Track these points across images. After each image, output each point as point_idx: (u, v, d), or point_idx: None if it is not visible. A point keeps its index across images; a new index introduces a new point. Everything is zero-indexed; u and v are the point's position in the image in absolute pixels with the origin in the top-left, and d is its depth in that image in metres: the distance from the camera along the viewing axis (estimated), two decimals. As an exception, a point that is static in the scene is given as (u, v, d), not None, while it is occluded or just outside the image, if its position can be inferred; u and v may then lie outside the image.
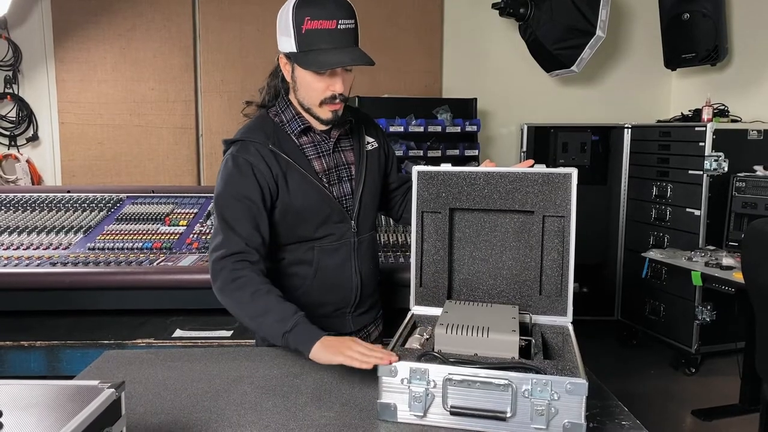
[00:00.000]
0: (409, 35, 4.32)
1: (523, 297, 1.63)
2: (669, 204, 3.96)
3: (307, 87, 1.58)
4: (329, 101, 1.59)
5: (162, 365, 1.63)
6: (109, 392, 0.99)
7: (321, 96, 1.58)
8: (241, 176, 1.57)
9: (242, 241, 1.55)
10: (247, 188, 1.57)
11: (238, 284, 1.52)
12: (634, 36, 4.73)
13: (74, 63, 4.10)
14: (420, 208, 1.65)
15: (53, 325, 2.17)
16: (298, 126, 1.64)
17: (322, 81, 1.55)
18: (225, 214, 1.58)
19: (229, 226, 1.56)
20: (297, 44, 1.51)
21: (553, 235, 1.60)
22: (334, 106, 1.60)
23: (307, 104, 1.61)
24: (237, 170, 1.58)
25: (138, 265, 2.27)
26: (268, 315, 1.48)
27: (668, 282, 3.94)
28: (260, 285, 1.52)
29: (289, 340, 1.44)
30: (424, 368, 1.27)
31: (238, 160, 1.58)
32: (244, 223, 1.57)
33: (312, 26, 1.49)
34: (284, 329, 1.44)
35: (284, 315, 1.46)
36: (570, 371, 1.27)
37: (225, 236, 1.56)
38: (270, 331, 1.48)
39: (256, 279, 1.53)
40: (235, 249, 1.54)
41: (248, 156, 1.58)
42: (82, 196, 2.97)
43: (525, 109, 4.58)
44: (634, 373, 3.82)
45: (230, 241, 1.55)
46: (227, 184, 1.59)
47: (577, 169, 1.57)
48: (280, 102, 1.67)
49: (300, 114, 1.65)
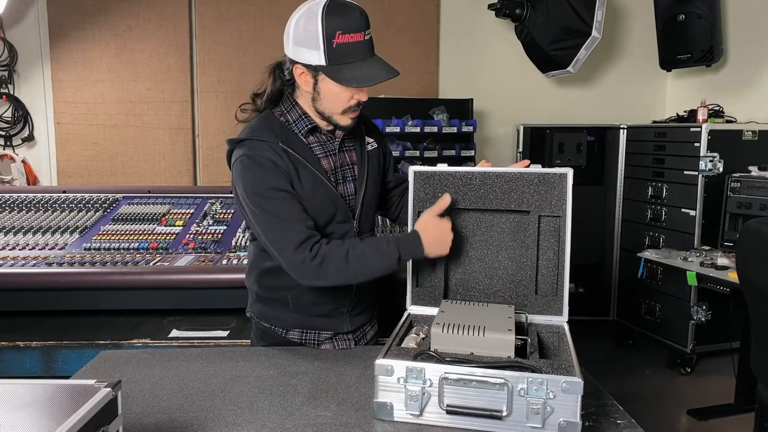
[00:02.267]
0: (406, 36, 4.34)
1: (519, 297, 1.63)
2: (664, 204, 3.97)
3: (333, 98, 1.57)
4: (353, 109, 1.60)
5: (158, 365, 1.63)
6: (106, 391, 0.99)
7: (345, 105, 1.58)
8: (265, 171, 1.54)
9: (301, 226, 1.53)
10: (276, 181, 1.54)
11: (327, 261, 1.51)
12: (630, 37, 4.74)
13: (70, 63, 4.08)
14: (417, 208, 1.66)
15: (49, 325, 2.17)
16: (305, 125, 1.63)
17: (349, 92, 1.56)
18: (269, 208, 1.53)
19: (279, 217, 1.52)
20: (327, 58, 1.50)
21: (548, 235, 1.61)
22: (355, 113, 1.62)
23: (328, 113, 1.61)
24: (258, 167, 1.54)
25: (134, 266, 2.27)
26: (374, 263, 1.54)
27: (664, 282, 3.95)
28: (342, 248, 1.53)
29: (404, 261, 1.58)
30: (421, 367, 1.27)
31: (255, 158, 1.54)
32: (292, 210, 1.54)
33: (343, 40, 1.48)
34: (396, 258, 1.54)
35: (382, 252, 1.54)
36: (565, 370, 1.27)
37: (282, 229, 1.52)
38: (385, 271, 1.56)
39: (334, 246, 1.54)
40: (301, 237, 1.51)
41: (263, 152, 1.55)
42: (78, 197, 2.96)
43: (521, 109, 4.59)
44: (629, 373, 3.82)
45: (293, 232, 1.52)
46: (254, 182, 1.54)
47: (572, 170, 1.58)
48: (285, 102, 1.66)
49: (306, 114, 1.64)
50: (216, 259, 2.36)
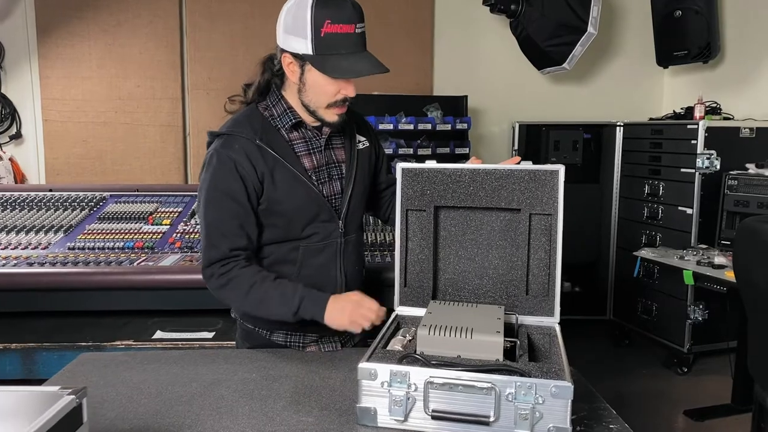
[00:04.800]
0: (400, 32, 4.29)
1: (510, 297, 1.60)
2: (661, 202, 3.94)
3: (318, 90, 1.55)
4: (339, 104, 1.57)
5: (138, 368, 1.59)
6: (69, 399, 0.94)
7: (331, 99, 1.56)
8: (225, 174, 1.54)
9: (226, 246, 1.56)
10: (230, 187, 1.54)
11: (230, 287, 1.56)
12: (626, 33, 4.70)
13: (58, 59, 4.02)
14: (404, 206, 1.62)
15: (30, 326, 2.12)
16: (289, 120, 1.61)
17: (335, 85, 1.53)
18: (208, 216, 1.57)
19: (214, 229, 1.56)
20: (314, 47, 1.48)
21: (540, 234, 1.57)
22: (341, 109, 1.59)
23: (313, 107, 1.58)
24: (220, 167, 1.54)
25: (118, 265, 2.22)
26: (271, 304, 1.54)
27: (660, 281, 3.92)
28: (251, 278, 1.55)
29: (302, 316, 1.54)
30: (405, 371, 1.23)
31: (221, 157, 1.54)
32: (229, 223, 1.56)
33: (332, 30, 1.46)
34: (292, 311, 1.53)
35: (285, 298, 1.53)
36: (555, 374, 1.24)
37: (208, 242, 1.57)
38: (280, 316, 1.55)
39: (246, 274, 1.55)
40: (219, 256, 1.56)
41: (231, 152, 1.54)
42: (64, 195, 2.91)
43: (516, 107, 4.55)
44: (626, 373, 3.80)
45: (214, 248, 1.56)
46: (210, 182, 1.56)
47: (564, 166, 1.54)
48: (272, 96, 1.63)
49: (292, 108, 1.61)
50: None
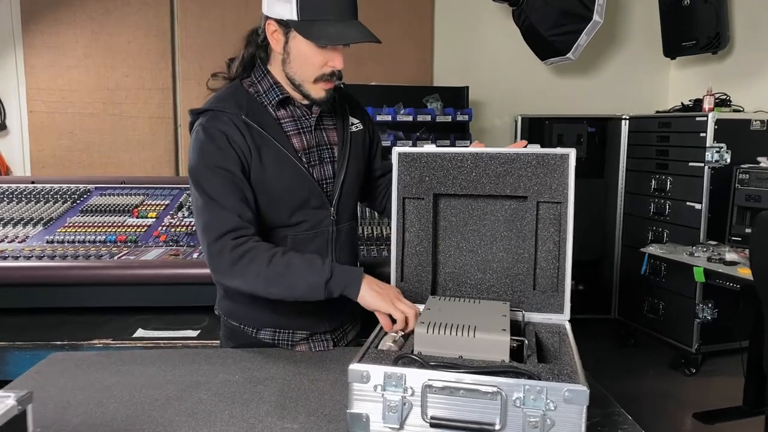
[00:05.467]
0: (399, 20, 4.16)
1: (516, 292, 1.49)
2: (668, 198, 3.82)
3: (304, 60, 1.43)
4: (326, 78, 1.45)
5: (111, 369, 1.48)
6: (10, 405, 0.81)
7: (318, 72, 1.44)
8: (216, 147, 1.41)
9: (233, 214, 1.39)
10: (224, 160, 1.41)
11: (248, 258, 1.37)
12: (632, 23, 4.58)
13: (43, 48, 3.88)
14: (401, 194, 1.51)
15: (4, 324, 2.00)
16: (275, 96, 1.49)
17: (321, 55, 1.41)
18: (206, 188, 1.41)
19: (214, 201, 1.40)
20: (299, 11, 1.36)
21: (548, 224, 1.46)
22: (329, 84, 1.47)
23: (298, 80, 1.46)
24: (210, 141, 1.42)
25: (97, 259, 2.09)
26: (297, 274, 1.36)
27: (667, 279, 3.81)
28: (271, 249, 1.38)
29: (333, 289, 1.36)
30: (401, 373, 1.11)
31: (210, 131, 1.42)
32: (229, 195, 1.41)
33: None
34: (324, 278, 1.35)
35: (314, 266, 1.36)
36: (568, 376, 1.12)
37: (213, 214, 1.39)
38: (307, 288, 1.36)
39: (263, 246, 1.39)
40: (228, 226, 1.38)
41: (221, 125, 1.42)
42: (47, 187, 2.78)
43: (519, 99, 4.43)
44: (632, 374, 3.69)
45: (221, 217, 1.39)
46: (202, 155, 1.42)
47: (575, 150, 1.42)
48: (257, 71, 1.52)
49: (278, 83, 1.49)
50: (187, 252, 2.19)
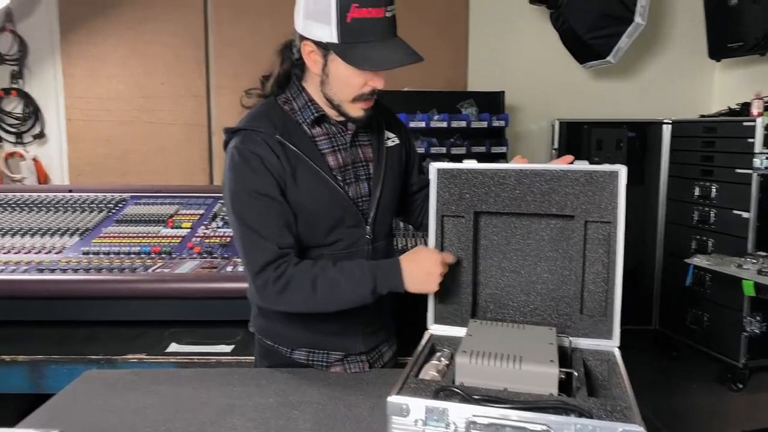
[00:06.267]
0: (432, 24, 4.09)
1: (561, 316, 1.42)
2: (713, 205, 3.67)
3: (343, 82, 1.38)
4: (366, 98, 1.41)
5: (145, 389, 1.46)
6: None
7: (357, 92, 1.40)
8: (252, 171, 1.38)
9: (273, 244, 1.37)
10: (261, 183, 1.38)
11: (292, 287, 1.37)
12: (675, 24, 4.42)
13: (82, 58, 3.94)
14: (440, 212, 1.45)
15: (39, 337, 2.00)
16: (311, 114, 1.45)
17: (362, 76, 1.37)
18: (245, 218, 1.38)
19: (254, 231, 1.38)
20: (339, 34, 1.31)
21: (596, 244, 1.38)
22: (368, 103, 1.43)
23: (337, 100, 1.42)
24: (246, 164, 1.38)
25: (132, 272, 2.08)
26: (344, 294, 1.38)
27: (712, 290, 3.65)
28: (311, 272, 1.38)
29: (380, 292, 1.39)
30: (443, 407, 1.06)
31: (244, 153, 1.39)
32: (269, 223, 1.38)
33: (360, 14, 1.30)
34: (370, 288, 1.37)
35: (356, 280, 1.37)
36: (622, 413, 1.05)
37: (253, 247, 1.38)
38: (356, 301, 1.40)
39: (303, 269, 1.38)
40: (268, 257, 1.37)
41: (255, 147, 1.39)
42: (84, 196, 2.81)
43: (557, 103, 4.31)
44: (674, 388, 3.54)
45: (260, 249, 1.38)
46: (238, 181, 1.39)
47: (626, 167, 1.35)
48: (291, 88, 1.48)
49: (313, 101, 1.45)
50: (221, 265, 2.16)
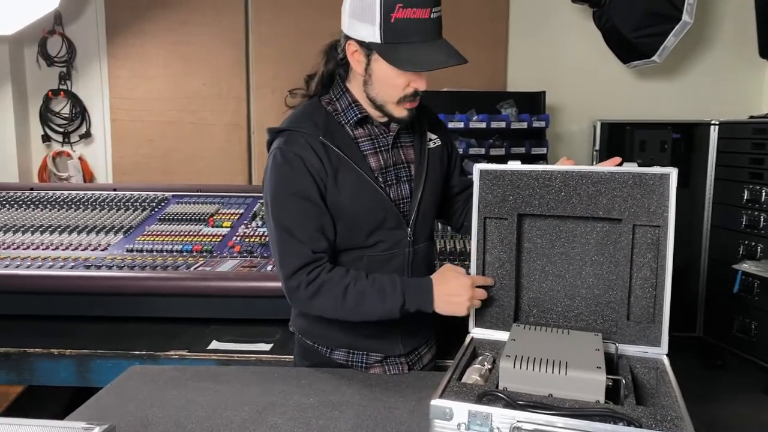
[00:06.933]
0: (472, 23, 4.05)
1: (607, 322, 1.39)
2: (764, 210, 3.54)
3: (387, 83, 1.39)
4: (410, 99, 1.41)
5: (188, 385, 1.48)
6: (93, 438, 0.81)
7: (401, 93, 1.39)
8: (293, 172, 1.39)
9: (307, 248, 1.39)
10: (302, 186, 1.39)
11: (323, 293, 1.40)
12: (723, 21, 4.27)
13: (127, 59, 4.05)
14: (482, 214, 1.43)
15: (85, 332, 2.05)
16: (354, 115, 1.45)
17: (405, 77, 1.37)
18: (283, 220, 1.40)
19: (290, 234, 1.39)
20: (383, 35, 1.32)
21: (645, 249, 1.34)
22: (412, 104, 1.43)
23: (380, 101, 1.42)
24: (288, 166, 1.39)
25: (174, 270, 2.12)
26: (372, 306, 1.39)
27: (762, 297, 3.52)
28: (344, 279, 1.39)
29: (408, 309, 1.40)
30: (486, 412, 1.04)
31: (287, 155, 1.40)
32: (306, 226, 1.40)
33: (404, 15, 1.30)
34: (398, 305, 1.38)
35: (386, 295, 1.38)
36: (673, 423, 1.02)
37: (288, 249, 1.40)
38: (383, 315, 1.40)
39: (336, 276, 1.40)
40: (303, 261, 1.39)
41: (297, 149, 1.40)
42: (127, 195, 2.87)
43: (598, 104, 4.22)
44: (718, 398, 3.44)
45: (295, 252, 1.39)
46: (279, 182, 1.41)
47: (676, 169, 1.31)
48: (335, 89, 1.49)
49: (357, 102, 1.46)
50: (261, 264, 2.18)
